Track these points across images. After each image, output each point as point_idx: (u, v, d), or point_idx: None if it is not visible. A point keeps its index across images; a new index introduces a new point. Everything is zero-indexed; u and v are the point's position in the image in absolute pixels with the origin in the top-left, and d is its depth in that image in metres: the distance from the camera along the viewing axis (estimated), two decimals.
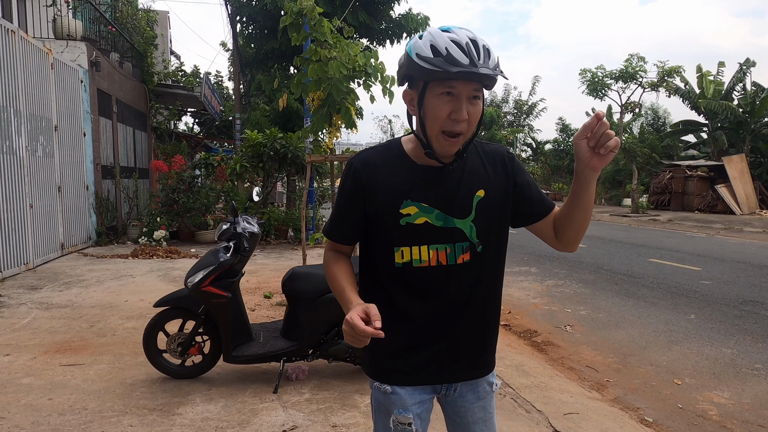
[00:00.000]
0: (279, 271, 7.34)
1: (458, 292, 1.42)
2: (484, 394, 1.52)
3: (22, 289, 6.24)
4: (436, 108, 1.29)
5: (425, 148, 1.35)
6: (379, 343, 1.40)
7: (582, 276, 8.09)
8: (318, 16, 5.11)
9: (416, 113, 1.36)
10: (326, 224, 1.52)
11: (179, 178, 10.74)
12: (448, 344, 1.45)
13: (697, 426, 3.39)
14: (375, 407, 1.52)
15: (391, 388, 1.45)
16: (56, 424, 2.93)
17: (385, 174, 1.40)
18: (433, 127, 1.31)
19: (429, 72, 1.25)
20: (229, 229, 3.59)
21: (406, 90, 1.38)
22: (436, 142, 1.33)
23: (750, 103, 21.41)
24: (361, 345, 1.26)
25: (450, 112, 1.28)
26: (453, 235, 1.39)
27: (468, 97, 1.28)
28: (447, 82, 1.26)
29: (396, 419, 1.44)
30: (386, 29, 14.35)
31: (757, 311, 5.97)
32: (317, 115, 5.35)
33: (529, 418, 3.14)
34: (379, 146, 1.49)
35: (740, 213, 19.62)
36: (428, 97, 1.30)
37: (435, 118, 1.30)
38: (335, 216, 1.48)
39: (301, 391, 3.40)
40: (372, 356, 1.50)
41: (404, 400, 1.44)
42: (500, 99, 38.37)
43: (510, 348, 4.62)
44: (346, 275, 1.44)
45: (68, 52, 9.55)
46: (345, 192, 1.44)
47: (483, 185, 1.42)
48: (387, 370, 1.46)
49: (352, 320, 1.23)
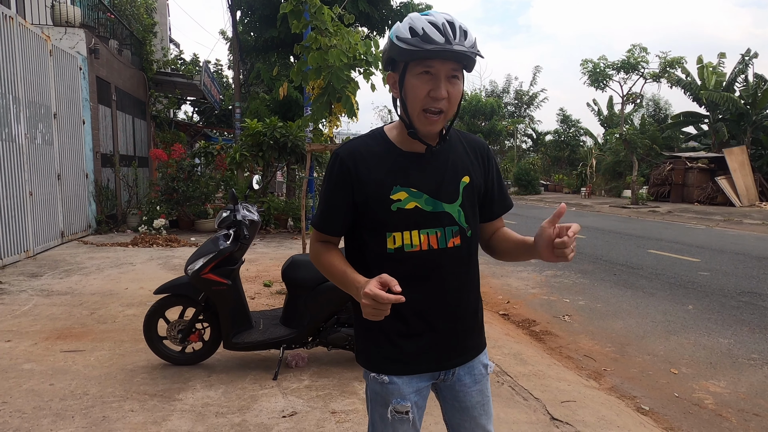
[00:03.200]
0: (279, 260, 7.35)
1: (451, 276, 1.44)
2: (480, 377, 1.54)
3: (22, 276, 6.26)
4: (416, 87, 1.33)
5: (408, 128, 1.38)
6: (374, 333, 1.40)
7: (581, 266, 8.11)
8: (318, 3, 5.07)
9: (398, 95, 1.39)
10: (315, 216, 1.51)
11: (179, 167, 10.73)
12: (446, 328, 1.46)
13: (692, 414, 3.42)
14: (371, 398, 1.50)
15: (389, 378, 1.44)
16: (58, 408, 2.96)
17: (372, 162, 1.41)
18: (414, 106, 1.35)
19: (407, 52, 1.30)
20: (229, 216, 3.59)
21: (389, 74, 1.41)
22: (418, 121, 1.36)
23: (752, 94, 21.31)
24: (383, 316, 1.27)
25: (429, 90, 1.32)
26: (442, 220, 1.42)
27: (446, 76, 1.32)
28: (425, 61, 1.30)
29: (393, 408, 1.44)
30: (386, 18, 14.25)
31: (755, 302, 6.00)
32: (317, 104, 5.33)
33: (527, 406, 3.17)
34: (363, 136, 1.50)
35: (740, 205, 19.63)
36: (408, 78, 1.34)
37: (415, 97, 1.33)
38: (324, 207, 1.47)
39: (301, 378, 3.43)
40: (367, 346, 1.49)
41: (402, 390, 1.44)
42: (501, 89, 38.20)
43: (508, 337, 4.65)
44: (342, 260, 1.45)
45: (67, 39, 9.49)
46: (332, 182, 1.43)
47: (467, 172, 1.47)
48: (385, 360, 1.45)
49: (372, 291, 1.24)
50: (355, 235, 1.48)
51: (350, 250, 1.52)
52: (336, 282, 1.45)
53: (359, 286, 1.32)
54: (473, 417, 1.53)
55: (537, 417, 3.03)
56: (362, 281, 1.33)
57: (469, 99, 33.77)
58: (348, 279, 1.38)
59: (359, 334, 1.53)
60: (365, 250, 1.46)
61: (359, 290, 1.31)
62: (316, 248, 1.51)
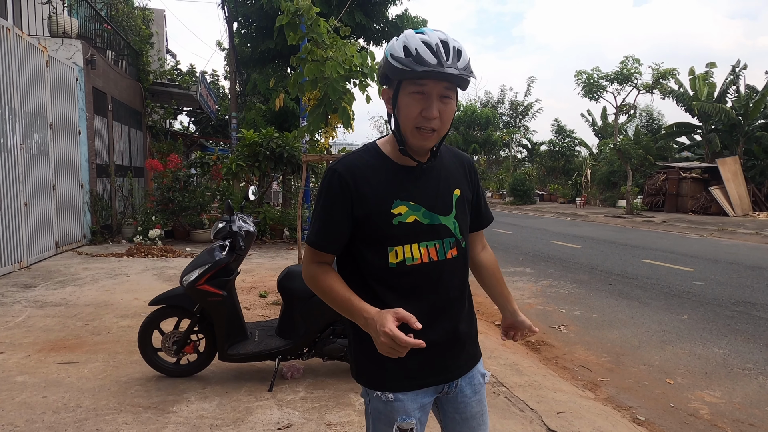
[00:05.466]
0: (274, 271, 7.34)
1: (451, 287, 1.46)
2: (479, 387, 1.55)
3: (16, 287, 6.22)
4: (408, 106, 1.34)
5: (400, 144, 1.39)
6: (376, 351, 1.34)
7: (576, 276, 8.13)
8: (315, 15, 5.12)
9: (390, 110, 1.41)
10: (310, 234, 1.43)
11: (174, 177, 10.72)
12: (448, 340, 1.46)
13: (688, 425, 3.43)
14: (373, 417, 1.45)
15: (394, 396, 1.41)
16: (50, 421, 2.93)
17: (370, 176, 1.40)
18: (407, 124, 1.36)
19: (400, 71, 1.31)
20: (225, 227, 3.59)
21: (384, 89, 1.42)
22: (412, 137, 1.37)
23: (743, 105, 21.54)
24: (401, 355, 1.26)
25: (421, 110, 1.33)
26: (440, 232, 1.44)
27: (438, 95, 1.33)
28: (417, 81, 1.31)
29: (398, 427, 1.41)
30: (383, 30, 14.36)
31: (749, 312, 6.02)
32: (313, 115, 5.36)
33: (523, 417, 3.17)
34: (357, 151, 1.49)
35: (733, 215, 19.75)
36: (401, 96, 1.35)
37: (407, 115, 1.35)
38: (321, 224, 1.41)
39: (296, 390, 3.41)
40: (367, 364, 1.44)
41: (407, 407, 1.41)
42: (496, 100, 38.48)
43: (504, 347, 4.65)
44: (343, 284, 1.41)
45: (63, 50, 9.51)
46: (330, 198, 1.40)
47: (458, 185, 1.50)
48: (391, 378, 1.41)
49: (392, 332, 1.22)
50: (350, 251, 1.45)
51: (344, 266, 1.48)
52: (337, 309, 1.40)
53: (368, 317, 1.30)
54: (472, 428, 1.54)
55: (533, 428, 3.02)
56: (372, 312, 1.30)
57: (465, 109, 33.96)
58: (354, 308, 1.35)
59: (358, 351, 1.48)
60: (363, 266, 1.43)
61: (368, 321, 1.29)
62: (311, 270, 1.44)
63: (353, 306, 1.35)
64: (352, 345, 1.51)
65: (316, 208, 1.44)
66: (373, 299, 1.38)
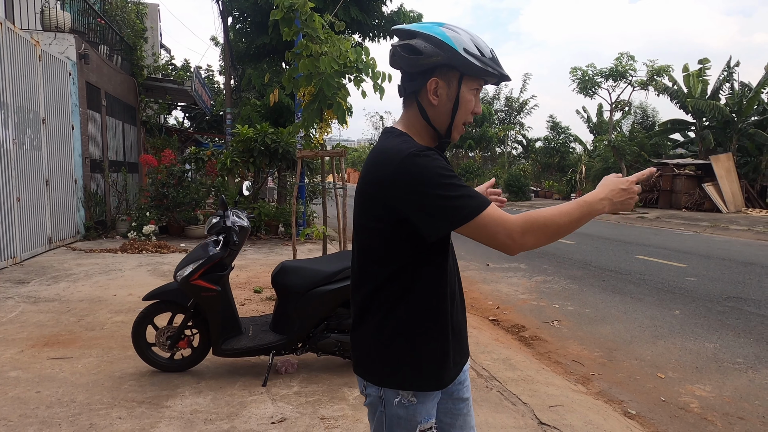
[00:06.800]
0: (269, 266, 7.34)
1: (459, 284, 1.51)
2: (465, 375, 1.58)
3: (9, 283, 6.20)
4: (469, 102, 1.38)
5: (445, 136, 1.41)
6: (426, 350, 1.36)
7: (570, 272, 8.18)
8: (309, 11, 5.11)
9: (437, 102, 1.35)
10: (470, 204, 1.24)
11: (169, 173, 10.68)
12: (462, 337, 1.50)
13: (678, 418, 3.47)
14: (393, 424, 1.38)
15: (416, 398, 1.37)
16: (44, 416, 2.93)
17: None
18: (460, 118, 1.39)
19: (476, 68, 1.33)
20: (219, 222, 3.60)
21: (433, 79, 1.33)
22: (456, 131, 1.41)
23: (737, 102, 21.66)
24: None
25: (474, 105, 1.40)
26: None
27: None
28: (480, 79, 1.37)
29: (420, 429, 1.38)
30: (378, 25, 14.33)
31: (740, 307, 6.08)
32: (308, 111, 5.36)
33: (515, 410, 3.19)
34: (406, 139, 1.34)
35: (726, 211, 19.88)
36: (463, 91, 1.37)
37: (466, 110, 1.39)
38: (467, 189, 1.26)
39: (290, 384, 3.43)
40: (424, 364, 1.37)
41: (429, 408, 1.41)
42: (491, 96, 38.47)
43: (498, 342, 4.68)
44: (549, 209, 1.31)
45: (56, 44, 9.44)
46: (448, 169, 1.27)
47: None
48: (434, 378, 1.39)
49: (630, 179, 1.33)
50: (413, 248, 1.33)
51: (396, 264, 1.34)
52: (572, 223, 1.28)
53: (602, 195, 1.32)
54: (463, 414, 1.56)
55: (525, 422, 3.05)
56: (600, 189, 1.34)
57: None
58: (582, 204, 1.31)
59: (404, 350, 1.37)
60: (423, 266, 1.35)
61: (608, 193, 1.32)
62: (517, 223, 1.25)
63: (579, 205, 1.30)
64: (393, 344, 1.37)
65: (450, 183, 1.24)
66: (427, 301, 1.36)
